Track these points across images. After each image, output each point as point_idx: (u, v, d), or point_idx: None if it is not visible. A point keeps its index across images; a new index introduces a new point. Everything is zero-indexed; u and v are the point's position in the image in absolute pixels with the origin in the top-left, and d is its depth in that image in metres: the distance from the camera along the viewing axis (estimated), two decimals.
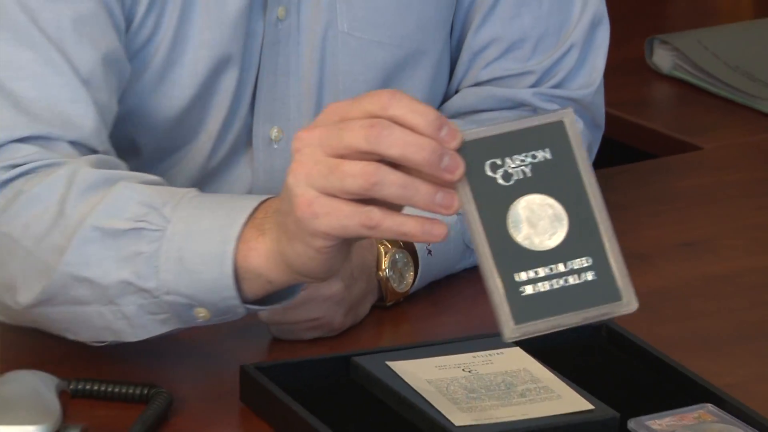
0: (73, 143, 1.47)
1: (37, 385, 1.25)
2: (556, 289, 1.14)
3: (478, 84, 1.68)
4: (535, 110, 1.64)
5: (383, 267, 1.52)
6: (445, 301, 1.50)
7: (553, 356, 1.39)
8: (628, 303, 1.15)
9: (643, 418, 1.31)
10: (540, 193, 1.14)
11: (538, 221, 1.14)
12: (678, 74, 1.91)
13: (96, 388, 1.38)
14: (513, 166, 1.14)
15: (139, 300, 1.38)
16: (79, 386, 1.36)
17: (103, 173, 1.42)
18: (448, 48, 1.68)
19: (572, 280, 1.14)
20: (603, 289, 1.15)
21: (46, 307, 1.41)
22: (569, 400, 1.33)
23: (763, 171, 1.74)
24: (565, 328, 1.15)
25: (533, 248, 1.14)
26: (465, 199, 1.14)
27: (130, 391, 1.37)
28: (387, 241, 1.51)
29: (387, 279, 1.52)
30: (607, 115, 1.67)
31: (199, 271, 1.36)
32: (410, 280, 1.54)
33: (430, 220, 1.19)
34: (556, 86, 1.66)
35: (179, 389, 1.39)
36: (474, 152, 1.14)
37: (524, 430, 1.31)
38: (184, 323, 1.39)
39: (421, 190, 1.17)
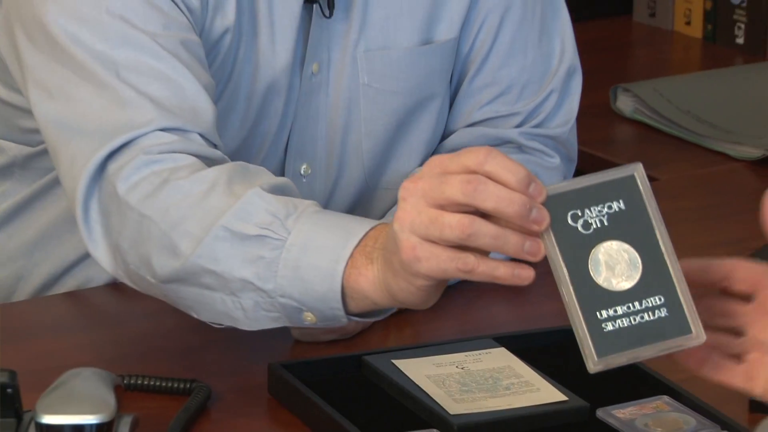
0: (202, 135, 1.45)
1: (96, 380, 1.25)
2: (634, 325, 1.11)
3: (471, 124, 1.65)
4: (519, 147, 1.63)
5: None
6: (442, 308, 1.48)
7: (533, 355, 1.38)
8: (697, 336, 1.12)
9: (609, 407, 1.31)
10: (616, 240, 1.12)
11: (616, 265, 1.12)
12: (638, 117, 1.90)
13: (145, 382, 1.37)
14: (592, 216, 1.12)
15: (256, 297, 1.36)
16: (131, 381, 1.36)
17: (238, 166, 1.42)
18: (449, 93, 1.67)
19: (647, 316, 1.11)
20: (675, 324, 1.12)
21: (177, 285, 1.39)
22: (546, 393, 1.33)
23: (711, 198, 1.73)
24: (643, 359, 1.13)
25: (612, 289, 1.11)
26: (550, 246, 1.12)
27: (175, 385, 1.37)
28: None
29: None
30: (579, 152, 1.67)
31: (311, 281, 1.33)
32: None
33: (519, 265, 1.17)
34: (538, 126, 1.64)
35: (216, 383, 1.38)
36: (557, 205, 1.12)
37: (509, 418, 1.30)
38: (292, 323, 1.37)
39: (511, 240, 1.15)
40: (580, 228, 1.11)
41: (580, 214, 1.11)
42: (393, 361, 1.37)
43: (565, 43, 1.65)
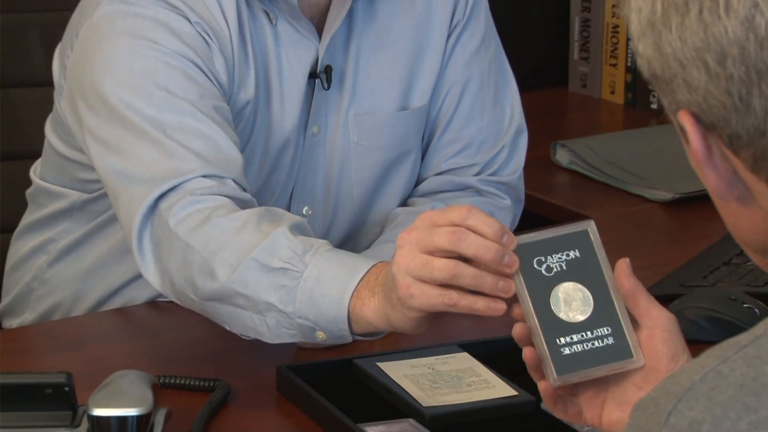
0: (234, 181, 1.44)
1: (137, 380, 1.25)
2: (587, 350, 1.09)
3: (440, 173, 1.63)
4: (478, 191, 1.61)
5: None
6: None
7: (491, 359, 1.38)
8: (638, 360, 1.09)
9: None
10: (573, 281, 1.10)
11: (572, 301, 1.10)
12: (573, 167, 1.89)
13: (177, 381, 1.36)
14: (553, 262, 1.10)
15: (278, 317, 1.35)
16: (166, 380, 1.35)
17: (266, 210, 1.41)
18: (421, 148, 1.64)
19: (597, 343, 1.10)
20: (619, 350, 1.09)
21: (215, 303, 1.38)
22: (500, 389, 1.33)
23: (632, 232, 1.72)
24: (593, 377, 1.10)
25: (569, 321, 1.09)
26: (519, 285, 1.11)
27: (201, 383, 1.37)
28: None
29: None
30: (526, 195, 1.66)
31: (323, 307, 1.33)
32: None
33: (494, 299, 1.18)
34: (492, 174, 1.62)
35: (235, 382, 1.38)
36: (526, 252, 1.11)
37: (469, 409, 1.30)
38: (307, 339, 1.37)
39: (488, 280, 1.16)
40: (543, 271, 1.10)
41: (543, 260, 1.10)
42: (377, 363, 1.36)
43: (514, 109, 1.64)
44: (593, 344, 1.09)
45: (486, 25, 1.62)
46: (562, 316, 1.09)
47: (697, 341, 1.38)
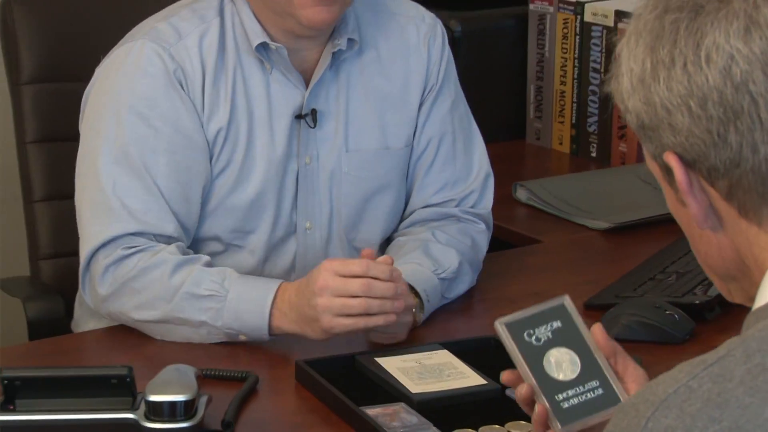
0: (163, 237, 1.43)
1: (185, 372, 1.25)
2: (582, 401, 1.05)
3: (426, 207, 1.57)
4: (458, 219, 1.56)
5: (416, 311, 1.44)
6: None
7: (465, 355, 1.37)
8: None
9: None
10: (560, 347, 1.06)
11: (562, 363, 1.05)
12: (530, 203, 1.86)
13: (215, 373, 1.35)
14: (540, 333, 1.06)
15: (209, 329, 1.39)
16: (206, 372, 1.34)
17: (184, 258, 1.41)
18: (404, 185, 1.57)
19: (590, 395, 1.05)
20: (609, 398, 1.05)
21: (157, 325, 1.41)
22: (473, 378, 1.33)
23: (576, 254, 1.71)
24: (591, 424, 1.05)
25: (563, 380, 1.05)
26: (516, 356, 1.05)
27: (235, 374, 1.36)
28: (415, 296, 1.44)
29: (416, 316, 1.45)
30: (493, 224, 1.64)
31: (247, 320, 1.38)
32: (421, 316, 1.46)
33: (387, 315, 1.35)
34: (472, 207, 1.57)
35: (262, 373, 1.36)
36: (517, 328, 1.06)
37: (449, 395, 1.30)
38: (231, 339, 1.40)
39: (387, 304, 1.33)
40: (533, 342, 1.06)
41: (532, 332, 1.06)
42: (375, 358, 1.36)
43: (482, 157, 1.60)
44: (587, 396, 1.05)
45: (456, 90, 1.59)
46: (556, 376, 1.05)
47: (629, 341, 1.38)
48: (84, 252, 1.42)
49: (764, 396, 0.72)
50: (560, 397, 1.05)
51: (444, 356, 1.37)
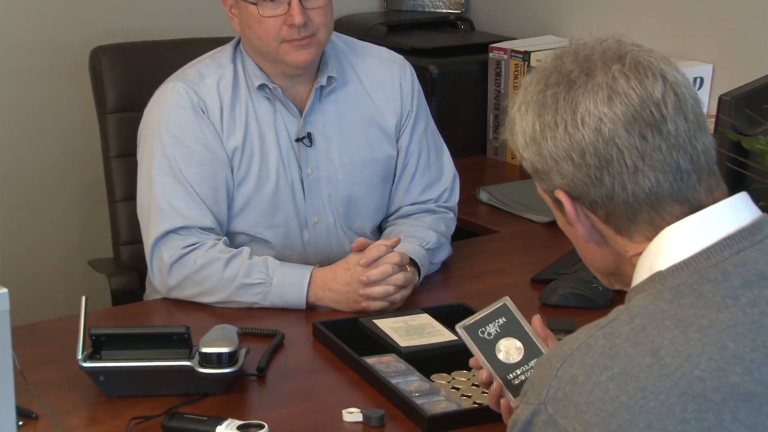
0: (204, 228, 1.41)
1: (229, 330, 1.24)
2: (526, 377, 1.03)
3: (410, 204, 1.55)
4: (434, 211, 1.55)
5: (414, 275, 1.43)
6: None
7: (441, 318, 1.34)
8: None
9: None
10: (506, 337, 1.06)
11: (510, 350, 1.05)
12: (490, 203, 1.84)
13: (252, 331, 1.34)
14: (490, 329, 1.06)
15: (259, 305, 1.39)
16: (245, 330, 1.32)
17: (231, 253, 1.40)
18: (387, 185, 1.54)
19: (530, 374, 1.06)
20: None
21: (219, 305, 1.40)
22: (446, 335, 1.31)
23: (525, 241, 1.68)
24: None
25: (510, 362, 1.04)
26: (474, 350, 1.06)
27: (266, 332, 1.34)
28: (410, 268, 1.43)
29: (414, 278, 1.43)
30: (461, 219, 1.63)
31: (289, 300, 1.38)
32: (418, 279, 1.45)
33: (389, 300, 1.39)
34: (445, 202, 1.56)
35: (287, 331, 1.34)
36: (472, 329, 1.06)
37: (428, 348, 1.28)
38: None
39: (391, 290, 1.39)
40: (486, 337, 1.06)
41: (484, 329, 1.06)
42: (373, 320, 1.34)
43: (449, 163, 1.58)
44: (528, 374, 1.04)
45: (426, 115, 1.57)
46: (506, 361, 1.05)
47: (565, 306, 1.40)
48: (147, 244, 1.44)
49: (644, 348, 0.73)
50: (511, 376, 1.05)
51: (425, 318, 1.36)
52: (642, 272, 0.80)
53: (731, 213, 0.78)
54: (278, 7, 1.39)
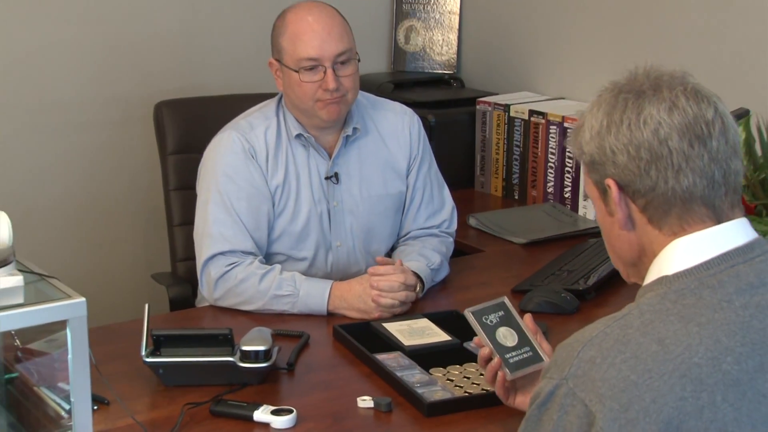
0: (245, 252, 1.42)
1: (264, 332, 1.23)
2: (521, 359, 1.06)
3: (418, 229, 1.55)
4: (437, 235, 1.55)
5: (418, 290, 1.43)
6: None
7: (438, 322, 1.33)
8: (546, 362, 1.05)
9: (470, 341, 1.27)
10: (504, 326, 1.07)
11: (507, 336, 1.06)
12: (478, 227, 1.82)
13: (283, 332, 1.32)
14: (492, 318, 1.08)
15: (287, 312, 1.38)
16: (277, 332, 1.31)
17: (265, 270, 1.40)
18: (398, 215, 1.54)
19: (524, 356, 1.06)
20: (537, 358, 1.06)
21: (256, 311, 1.39)
22: (443, 336, 1.30)
23: (506, 258, 1.67)
24: (526, 373, 1.05)
25: (507, 345, 1.06)
26: (479, 331, 1.07)
27: (295, 333, 1.33)
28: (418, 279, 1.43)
29: (417, 293, 1.43)
30: (456, 240, 1.62)
31: (313, 308, 1.38)
32: (421, 293, 1.44)
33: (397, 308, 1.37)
34: (446, 228, 1.56)
35: (312, 333, 1.33)
36: (479, 313, 1.08)
37: (428, 346, 1.27)
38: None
39: (399, 295, 1.36)
40: (489, 323, 1.07)
41: (488, 317, 1.08)
42: (382, 323, 1.33)
43: (448, 197, 1.58)
44: (522, 356, 1.06)
45: (430, 156, 1.57)
46: (505, 343, 1.06)
47: (539, 312, 1.38)
48: (199, 262, 1.45)
49: (651, 337, 0.74)
50: (507, 356, 1.06)
51: (425, 322, 1.35)
52: (652, 274, 0.80)
53: (730, 234, 0.78)
54: (315, 75, 1.41)
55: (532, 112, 2.00)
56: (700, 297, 0.76)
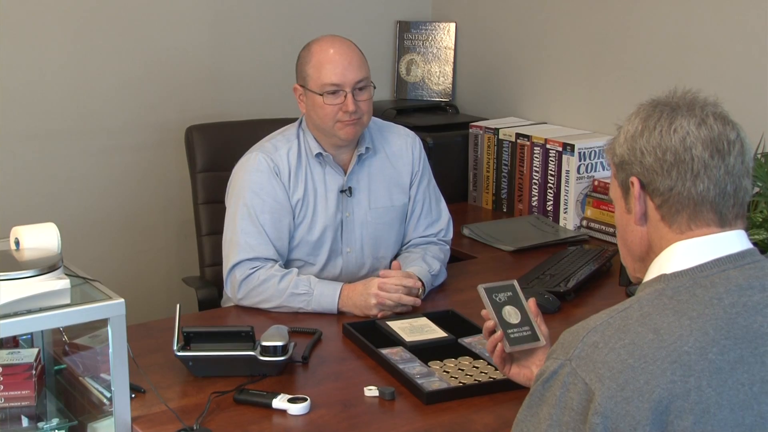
0: (268, 259, 1.41)
1: (281, 329, 1.23)
2: (521, 336, 1.05)
3: (418, 237, 1.55)
4: (435, 243, 1.54)
5: (420, 294, 1.42)
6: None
7: (435, 320, 1.33)
8: (542, 343, 1.05)
9: (464, 338, 1.27)
10: (509, 305, 1.07)
11: (511, 313, 1.06)
12: (471, 236, 1.81)
13: (298, 329, 1.32)
14: (501, 296, 1.07)
15: (304, 311, 1.38)
16: (293, 329, 1.30)
17: (283, 272, 1.40)
18: (402, 224, 1.54)
19: (524, 333, 1.05)
20: (535, 336, 1.05)
21: (274, 310, 1.39)
22: (440, 333, 1.30)
23: (495, 264, 1.66)
24: (524, 348, 1.05)
25: (511, 322, 1.05)
26: (488, 306, 1.06)
27: (309, 330, 1.32)
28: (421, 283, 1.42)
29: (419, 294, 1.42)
30: (452, 248, 1.61)
31: (325, 307, 1.37)
32: (422, 297, 1.43)
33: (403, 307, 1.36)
34: (443, 237, 1.55)
35: (324, 331, 1.33)
36: (490, 291, 1.07)
37: (427, 342, 1.26)
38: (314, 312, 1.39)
39: (404, 298, 1.34)
40: (497, 300, 1.07)
41: (497, 295, 1.07)
42: (387, 321, 1.33)
43: (445, 209, 1.57)
44: (522, 333, 1.05)
45: (429, 173, 1.57)
46: (508, 320, 1.06)
47: None
48: (226, 267, 1.45)
49: (648, 327, 0.74)
50: (509, 331, 1.05)
51: (424, 321, 1.35)
52: (653, 272, 0.80)
53: (727, 242, 0.79)
54: (337, 98, 1.42)
55: (518, 135, 2.00)
56: (693, 294, 0.76)
